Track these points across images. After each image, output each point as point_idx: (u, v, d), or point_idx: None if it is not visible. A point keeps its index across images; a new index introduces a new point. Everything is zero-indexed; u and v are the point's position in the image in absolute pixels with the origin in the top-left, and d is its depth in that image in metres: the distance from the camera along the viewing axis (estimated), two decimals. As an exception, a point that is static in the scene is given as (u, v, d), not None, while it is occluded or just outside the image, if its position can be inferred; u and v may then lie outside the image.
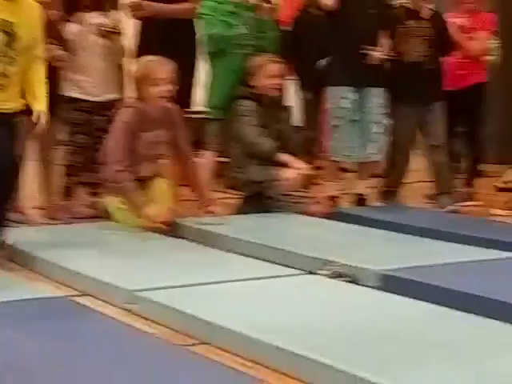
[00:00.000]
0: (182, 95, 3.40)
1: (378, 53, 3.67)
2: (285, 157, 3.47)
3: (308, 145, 4.05)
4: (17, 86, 2.79)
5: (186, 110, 3.64)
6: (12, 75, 2.71)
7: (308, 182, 3.75)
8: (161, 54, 3.29)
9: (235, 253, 2.99)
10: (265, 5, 3.86)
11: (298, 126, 4.01)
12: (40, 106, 2.77)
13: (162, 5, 3.72)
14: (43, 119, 2.77)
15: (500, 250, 2.90)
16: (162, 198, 3.31)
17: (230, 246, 3.06)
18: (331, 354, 1.73)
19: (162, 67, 3.25)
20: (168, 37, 3.55)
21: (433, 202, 4.05)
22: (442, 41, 3.87)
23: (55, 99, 3.25)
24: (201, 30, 3.72)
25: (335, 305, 2.30)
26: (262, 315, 2.09)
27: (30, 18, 2.76)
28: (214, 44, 3.69)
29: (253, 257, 2.89)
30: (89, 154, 3.57)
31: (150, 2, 3.72)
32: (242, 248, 3.03)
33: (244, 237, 3.12)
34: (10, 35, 2.66)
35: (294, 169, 3.47)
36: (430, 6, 3.89)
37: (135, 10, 3.69)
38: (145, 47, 3.64)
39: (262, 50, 3.67)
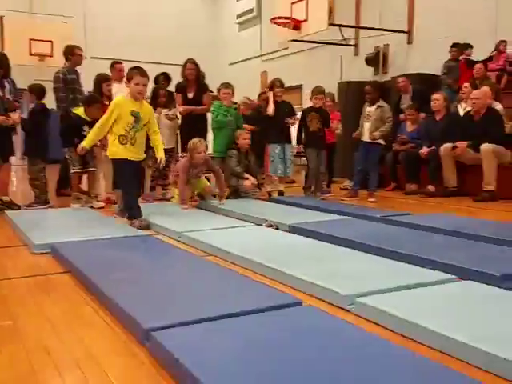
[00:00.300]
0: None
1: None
2: (247, 175, 6.76)
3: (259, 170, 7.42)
4: (142, 145, 5.03)
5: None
6: (138, 138, 4.94)
7: (256, 185, 7.01)
8: (192, 130, 6.74)
9: (227, 216, 5.48)
10: (240, 105, 7.59)
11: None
12: (160, 154, 5.02)
13: (194, 107, 7.08)
14: (163, 161, 5.08)
15: (341, 215, 5.33)
16: (201, 187, 6.38)
17: (225, 213, 5.62)
18: (250, 252, 4.15)
19: (200, 144, 6.01)
20: (195, 122, 7.07)
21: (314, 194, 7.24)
22: (326, 122, 7.12)
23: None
24: (212, 118, 7.06)
25: (268, 238, 4.26)
26: (241, 242, 4.07)
27: (146, 109, 5.04)
28: (218, 124, 6.97)
29: (235, 218, 5.30)
30: (161, 172, 7.02)
31: (189, 107, 7.04)
32: (230, 214, 5.57)
33: (231, 208, 5.74)
34: (136, 118, 4.90)
35: (251, 180, 6.76)
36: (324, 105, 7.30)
37: (183, 111, 7.13)
38: (185, 125, 7.23)
39: (238, 127, 7.04)
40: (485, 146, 6.79)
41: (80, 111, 6.26)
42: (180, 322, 2.26)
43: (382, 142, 6.91)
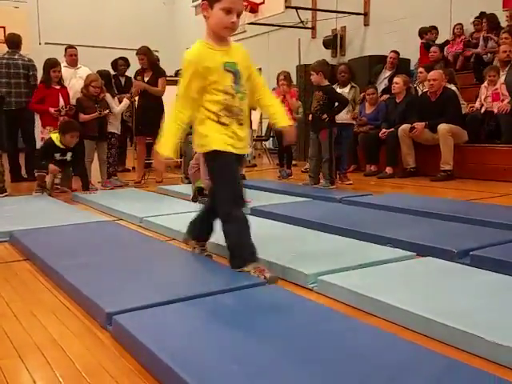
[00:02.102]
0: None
1: None
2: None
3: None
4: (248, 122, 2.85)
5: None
6: (245, 110, 2.75)
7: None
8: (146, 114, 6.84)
9: (189, 200, 5.81)
10: None
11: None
12: (287, 121, 2.90)
13: (148, 85, 7.15)
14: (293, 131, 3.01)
15: (303, 197, 5.39)
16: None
17: (187, 197, 6.04)
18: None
19: None
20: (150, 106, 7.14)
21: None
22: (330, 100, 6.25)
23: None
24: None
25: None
26: None
27: (239, 53, 2.78)
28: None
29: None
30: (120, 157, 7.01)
31: (141, 83, 7.16)
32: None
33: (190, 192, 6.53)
34: (235, 74, 2.69)
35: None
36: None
37: (135, 86, 7.26)
38: (139, 109, 7.31)
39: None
40: (442, 126, 6.90)
41: (55, 136, 6.12)
42: (142, 305, 2.26)
43: (354, 122, 6.98)
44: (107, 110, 6.77)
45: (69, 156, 6.11)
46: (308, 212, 4.45)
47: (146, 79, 7.21)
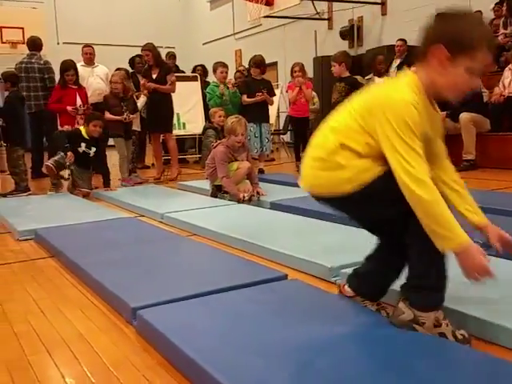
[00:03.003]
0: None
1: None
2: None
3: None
4: None
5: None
6: None
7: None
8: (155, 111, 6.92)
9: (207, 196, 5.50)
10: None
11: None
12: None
13: (157, 85, 7.10)
14: None
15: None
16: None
17: (206, 193, 5.60)
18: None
19: (239, 125, 5.13)
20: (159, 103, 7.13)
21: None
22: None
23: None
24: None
25: (249, 216, 4.28)
26: (224, 221, 4.03)
27: None
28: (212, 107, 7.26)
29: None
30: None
31: (151, 83, 7.10)
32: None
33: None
34: None
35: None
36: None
37: (144, 87, 7.25)
38: (149, 106, 7.33)
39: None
40: (463, 115, 6.84)
41: (81, 128, 6.24)
42: (166, 299, 2.29)
43: None
44: (133, 115, 6.78)
45: (92, 151, 6.15)
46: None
47: (154, 76, 7.14)
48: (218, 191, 5.36)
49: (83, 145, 6.08)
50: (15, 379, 1.81)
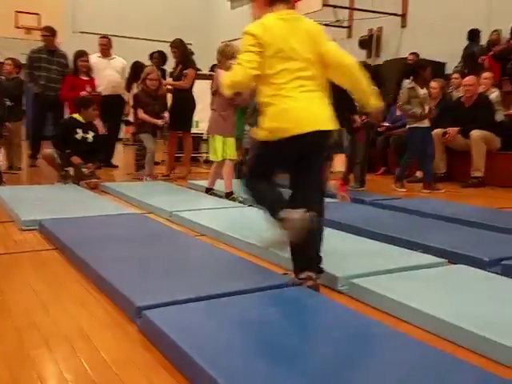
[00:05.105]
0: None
1: None
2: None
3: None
4: None
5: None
6: None
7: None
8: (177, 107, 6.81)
9: (217, 196, 5.60)
10: None
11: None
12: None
13: (173, 82, 7.20)
14: None
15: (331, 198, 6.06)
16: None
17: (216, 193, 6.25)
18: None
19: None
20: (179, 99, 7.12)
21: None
22: None
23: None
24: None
25: (258, 219, 3.46)
26: (232, 223, 4.16)
27: None
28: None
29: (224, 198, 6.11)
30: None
31: (167, 81, 7.19)
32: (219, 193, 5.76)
33: (221, 188, 6.49)
34: None
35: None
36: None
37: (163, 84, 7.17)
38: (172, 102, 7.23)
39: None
40: (475, 132, 6.82)
41: (77, 115, 6.27)
42: (172, 300, 2.25)
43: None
44: (166, 119, 6.72)
45: (91, 136, 6.17)
46: (337, 213, 4.37)
47: (176, 73, 7.17)
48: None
49: (79, 131, 6.10)
50: (14, 373, 1.78)
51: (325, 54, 2.62)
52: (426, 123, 6.28)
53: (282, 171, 2.74)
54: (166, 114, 6.76)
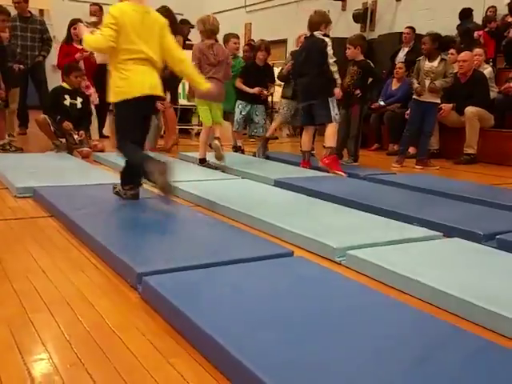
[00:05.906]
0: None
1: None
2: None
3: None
4: None
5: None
6: None
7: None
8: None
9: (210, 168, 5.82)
10: None
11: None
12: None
13: None
14: None
15: (326, 172, 5.90)
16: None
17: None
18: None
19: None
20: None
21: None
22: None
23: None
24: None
25: (254, 192, 4.25)
26: (228, 194, 4.27)
27: None
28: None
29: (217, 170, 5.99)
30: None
31: None
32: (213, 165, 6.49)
33: (214, 160, 6.46)
34: None
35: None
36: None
37: None
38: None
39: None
40: (469, 109, 6.80)
41: (64, 83, 6.30)
42: (173, 267, 2.26)
43: (438, 100, 6.38)
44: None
45: (79, 102, 6.19)
46: (332, 187, 4.41)
47: None
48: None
49: (67, 97, 6.15)
50: (16, 335, 1.78)
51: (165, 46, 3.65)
52: (427, 98, 6.22)
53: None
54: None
